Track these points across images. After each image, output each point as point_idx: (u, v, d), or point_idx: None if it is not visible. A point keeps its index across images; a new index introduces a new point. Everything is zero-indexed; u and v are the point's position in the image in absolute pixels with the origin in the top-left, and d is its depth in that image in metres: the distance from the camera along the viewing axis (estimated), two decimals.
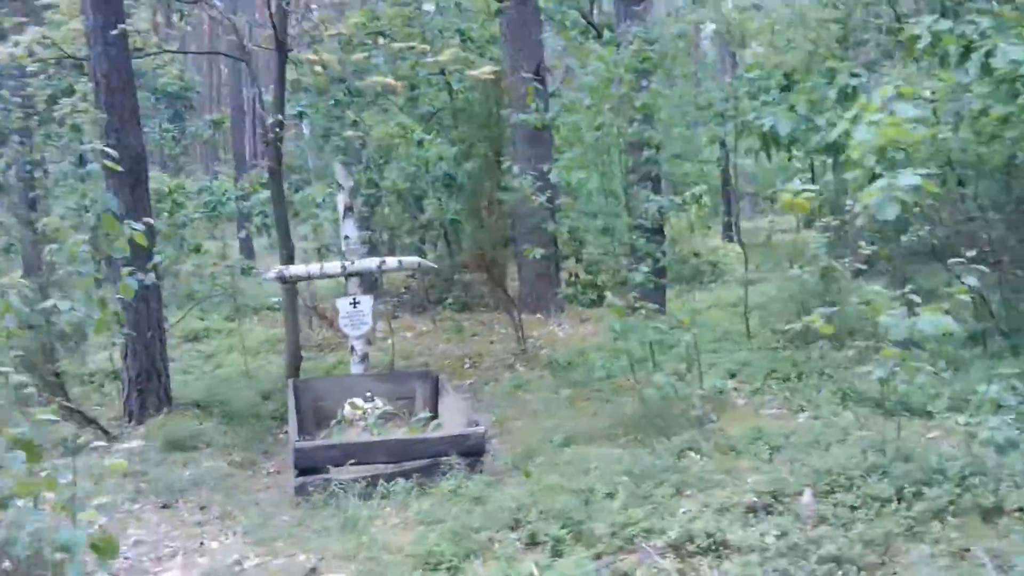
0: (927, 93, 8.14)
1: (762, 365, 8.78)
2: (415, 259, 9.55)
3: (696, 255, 15.01)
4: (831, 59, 11.43)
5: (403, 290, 15.13)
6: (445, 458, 6.74)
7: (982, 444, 5.42)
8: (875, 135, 4.19)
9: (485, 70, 9.51)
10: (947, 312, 8.80)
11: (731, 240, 18.62)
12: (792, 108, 9.62)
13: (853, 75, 9.18)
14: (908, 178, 4.08)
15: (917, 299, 5.41)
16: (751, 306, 11.04)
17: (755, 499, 5.65)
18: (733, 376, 8.87)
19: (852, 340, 7.78)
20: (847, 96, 9.23)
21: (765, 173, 21.06)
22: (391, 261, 9.36)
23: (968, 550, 5.03)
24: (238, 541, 6.11)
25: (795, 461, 6.14)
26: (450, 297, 13.32)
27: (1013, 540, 5.06)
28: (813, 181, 13.98)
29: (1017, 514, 5.28)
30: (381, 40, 10.31)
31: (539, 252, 8.78)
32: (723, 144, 15.62)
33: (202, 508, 6.76)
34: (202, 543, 6.11)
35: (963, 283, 5.37)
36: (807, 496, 5.64)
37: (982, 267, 5.60)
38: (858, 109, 4.26)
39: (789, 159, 13.67)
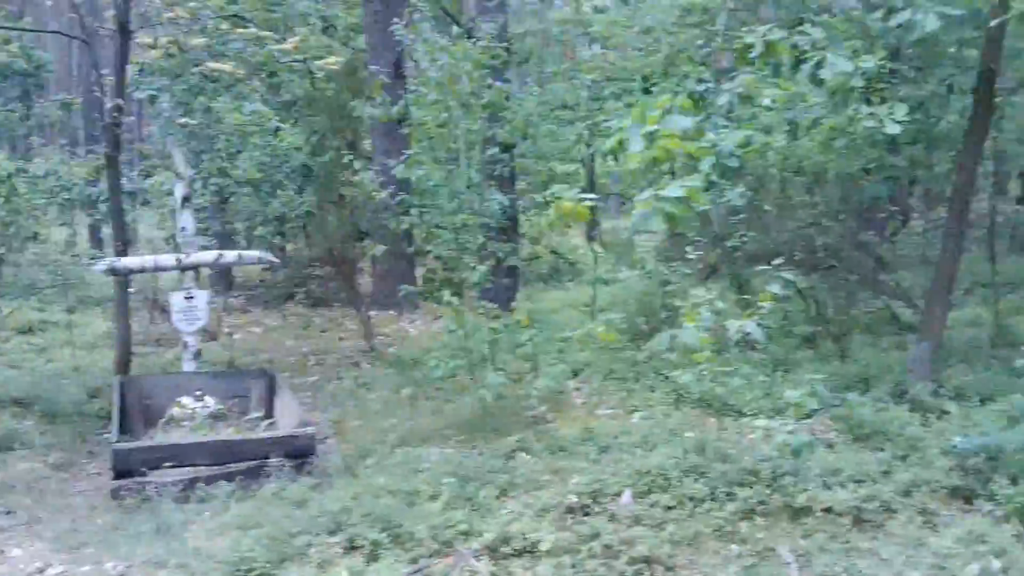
0: (767, 101, 8.34)
1: (603, 365, 8.87)
2: (255, 253, 9.26)
3: (555, 254, 15.10)
4: (688, 64, 11.64)
5: (257, 283, 14.76)
6: (272, 460, 6.55)
7: (779, 447, 5.58)
8: (648, 146, 4.19)
9: (331, 60, 9.30)
10: (784, 317, 9.09)
11: (592, 239, 18.82)
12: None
13: (700, 81, 9.31)
14: (673, 190, 4.10)
15: (722, 304, 5.51)
16: (602, 306, 11.17)
17: (575, 500, 5.68)
18: (576, 375, 8.94)
19: None
20: (696, 102, 9.37)
21: (629, 173, 21.33)
22: (229, 255, 9.06)
23: (774, 549, 5.18)
24: (44, 547, 5.79)
25: (620, 461, 6.20)
26: (301, 292, 13.05)
27: (817, 539, 5.23)
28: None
29: (822, 514, 5.46)
30: (225, 24, 9.93)
31: (380, 249, 8.65)
32: (589, 144, 15.76)
33: (8, 512, 6.39)
34: (2, 550, 5.77)
35: (768, 289, 5.47)
36: (626, 497, 5.70)
37: (788, 274, 5.71)
38: (633, 120, 4.25)
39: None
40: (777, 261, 5.95)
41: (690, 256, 7.73)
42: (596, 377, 8.76)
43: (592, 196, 4.67)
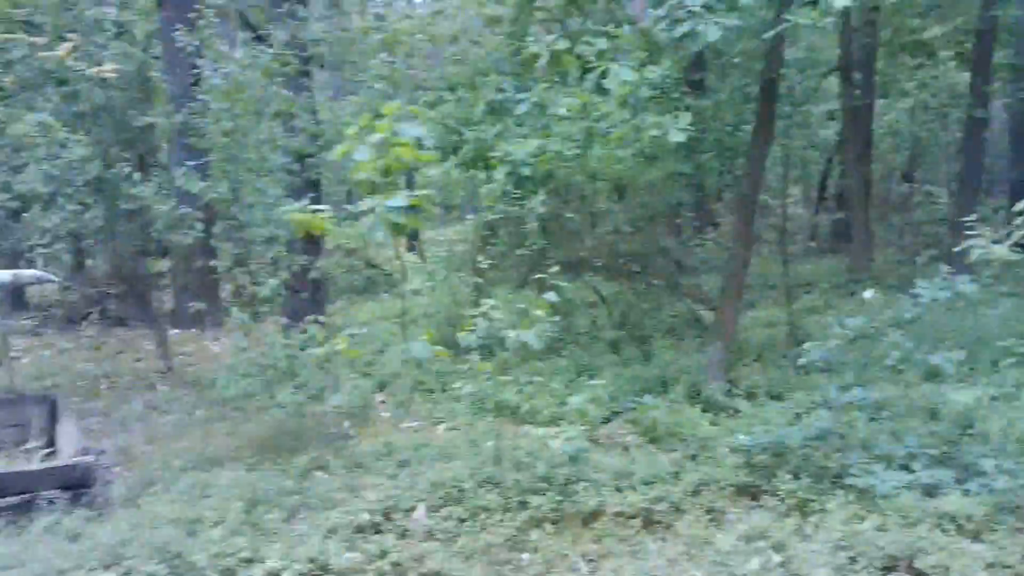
0: (563, 111, 8.43)
1: (412, 377, 8.73)
2: (33, 272, 8.63)
3: (371, 266, 14.89)
4: (493, 74, 11.66)
5: (52, 303, 13.89)
6: (46, 492, 6.08)
7: (560, 455, 5.60)
8: (374, 155, 4.07)
9: (106, 67, 8.80)
10: (593, 323, 9.14)
11: (413, 250, 18.70)
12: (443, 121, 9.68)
13: (499, 90, 9.35)
14: (397, 200, 4.01)
15: (498, 316, 5.47)
16: (418, 316, 11.06)
17: (368, 518, 5.53)
18: (383, 388, 8.78)
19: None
20: (494, 110, 9.42)
21: (451, 183, 21.32)
22: (4, 274, 8.41)
23: (565, 556, 5.17)
24: None
25: (417, 475, 6.09)
26: (97, 311, 12.31)
27: (607, 543, 5.25)
28: None
29: (613, 518, 5.50)
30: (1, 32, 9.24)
31: (163, 264, 8.24)
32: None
33: None
34: None
35: (544, 297, 5.47)
36: (420, 511, 5.59)
37: (560, 282, 5.74)
38: (361, 128, 4.13)
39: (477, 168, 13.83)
40: (554, 269, 5.96)
41: (482, 265, 7.71)
42: (405, 389, 8.62)
43: (324, 207, 4.47)
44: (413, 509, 5.61)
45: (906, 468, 5.85)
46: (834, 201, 18.58)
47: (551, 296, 5.46)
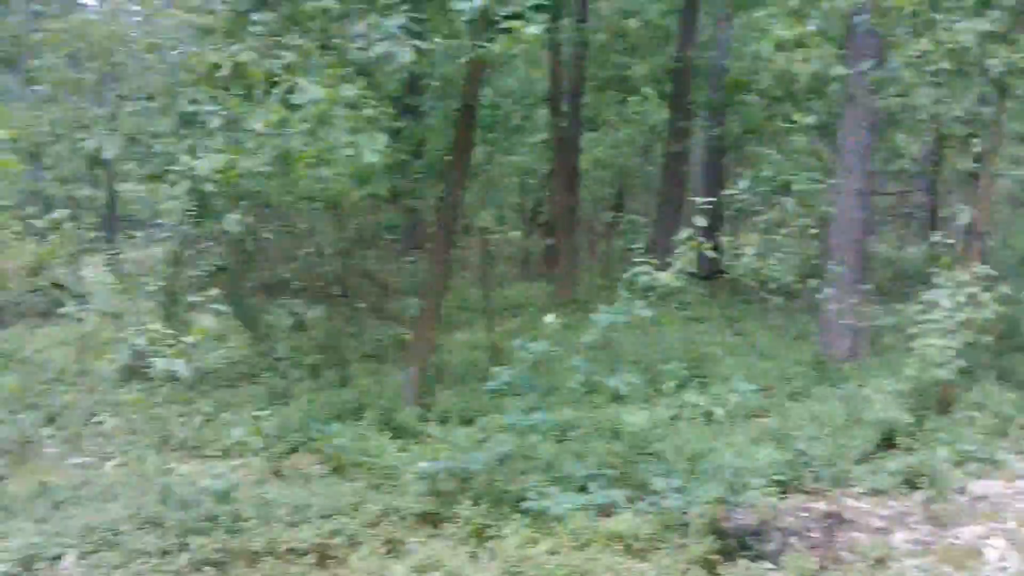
0: (259, 126, 8.05)
1: (87, 408, 8.02)
2: None
3: (57, 286, 13.66)
4: (202, 84, 11.10)
5: None
6: None
7: (203, 493, 5.28)
8: None
9: None
10: (294, 348, 8.80)
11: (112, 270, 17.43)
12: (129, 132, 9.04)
13: (193, 102, 8.84)
14: None
15: (139, 341, 5.09)
16: (104, 342, 10.24)
17: (4, 569, 4.93)
18: (52, 422, 7.98)
19: None
20: (189, 122, 8.92)
21: (156, 200, 20.10)
22: None
23: None
24: None
25: (72, 518, 5.53)
26: None
27: None
28: None
29: (285, 555, 5.22)
30: None
31: None
32: (104, 165, 14.51)
33: None
34: None
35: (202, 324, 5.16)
36: (68, 559, 5.07)
37: (220, 306, 5.44)
38: None
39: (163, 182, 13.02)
40: (213, 292, 5.62)
41: (150, 287, 7.22)
42: (77, 421, 7.88)
43: None
44: (59, 557, 5.07)
45: (583, 489, 5.96)
46: (546, 227, 19.12)
47: (208, 321, 5.13)
